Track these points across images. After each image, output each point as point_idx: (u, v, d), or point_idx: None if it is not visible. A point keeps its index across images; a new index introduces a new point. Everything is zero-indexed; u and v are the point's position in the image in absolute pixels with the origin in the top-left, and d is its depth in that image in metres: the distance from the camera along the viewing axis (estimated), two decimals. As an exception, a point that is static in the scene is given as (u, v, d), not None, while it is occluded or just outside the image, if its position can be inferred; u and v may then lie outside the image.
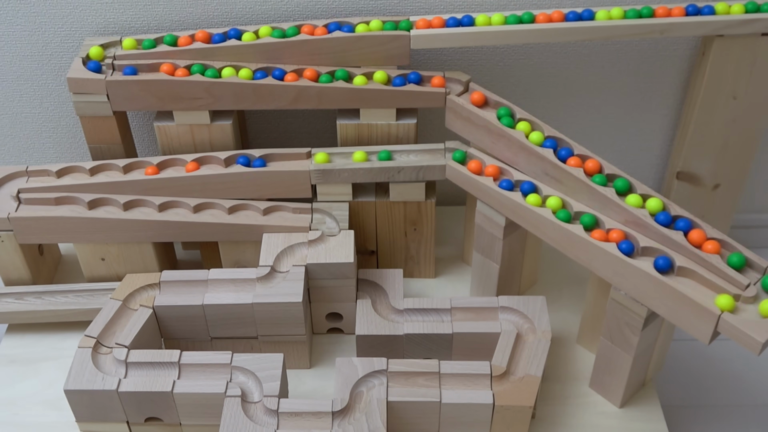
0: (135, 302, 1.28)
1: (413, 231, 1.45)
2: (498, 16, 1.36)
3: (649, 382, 1.33)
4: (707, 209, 1.60)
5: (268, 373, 1.17)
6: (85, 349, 1.21)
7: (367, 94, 1.38)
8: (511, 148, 1.29)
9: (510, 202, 1.26)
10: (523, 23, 1.35)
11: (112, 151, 1.46)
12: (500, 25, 1.36)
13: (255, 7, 1.46)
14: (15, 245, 1.39)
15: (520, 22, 1.36)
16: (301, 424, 1.13)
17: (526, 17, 1.35)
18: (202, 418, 1.19)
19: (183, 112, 1.40)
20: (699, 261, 1.12)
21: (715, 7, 1.35)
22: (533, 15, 1.35)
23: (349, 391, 1.16)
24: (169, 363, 1.19)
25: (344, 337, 1.41)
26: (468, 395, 1.17)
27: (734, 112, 1.47)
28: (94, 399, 1.17)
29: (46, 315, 1.39)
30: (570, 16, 1.35)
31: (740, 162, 1.54)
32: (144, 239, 1.38)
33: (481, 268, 1.39)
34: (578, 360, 1.37)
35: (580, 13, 1.35)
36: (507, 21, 1.36)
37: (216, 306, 1.27)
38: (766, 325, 1.04)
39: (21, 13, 1.46)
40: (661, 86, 1.58)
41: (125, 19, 1.47)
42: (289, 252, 1.32)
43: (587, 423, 1.28)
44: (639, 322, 1.16)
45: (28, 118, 1.61)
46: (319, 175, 1.37)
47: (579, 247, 1.20)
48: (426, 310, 1.30)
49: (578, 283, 1.47)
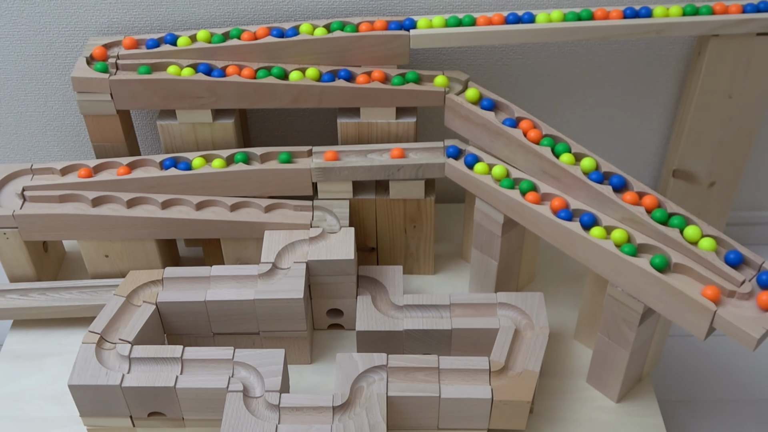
0: (138, 298, 1.28)
1: (413, 228, 1.45)
2: (497, 16, 1.36)
3: (645, 378, 1.33)
4: (703, 207, 1.60)
5: (270, 369, 1.17)
6: (89, 344, 1.21)
7: (367, 93, 1.37)
8: (509, 146, 1.29)
9: (508, 200, 1.26)
10: (522, 23, 1.36)
11: (116, 149, 1.46)
12: (499, 24, 1.36)
13: (257, 7, 1.46)
14: (20, 242, 1.39)
15: (519, 21, 1.36)
16: (302, 419, 1.13)
17: (526, 17, 1.35)
18: (205, 412, 1.19)
19: (185, 111, 1.40)
20: (695, 258, 1.12)
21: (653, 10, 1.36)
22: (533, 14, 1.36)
23: (349, 386, 1.16)
24: (172, 358, 1.19)
25: (345, 333, 1.41)
26: (467, 390, 1.17)
27: (730, 110, 1.47)
28: (97, 394, 1.17)
29: (50, 311, 1.39)
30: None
31: (736, 160, 1.54)
32: (147, 236, 1.38)
33: (480, 264, 1.39)
34: (575, 355, 1.37)
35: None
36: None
37: (218, 302, 1.27)
38: (760, 321, 1.04)
39: (26, 13, 1.46)
40: (658, 85, 1.58)
41: (129, 19, 1.47)
42: (290, 249, 1.32)
43: (584, 418, 1.28)
44: (635, 318, 1.16)
45: (33, 116, 1.61)
46: (319, 173, 1.36)
47: (576, 245, 1.20)
48: (425, 307, 1.30)
49: (575, 280, 1.47)
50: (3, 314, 1.39)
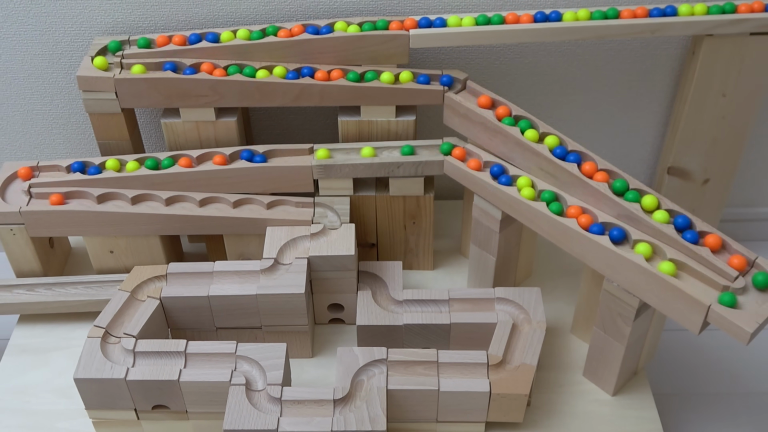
0: (143, 293, 1.28)
1: (412, 224, 1.45)
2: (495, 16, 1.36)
3: (641, 371, 1.33)
4: (697, 203, 1.60)
5: (272, 362, 1.17)
6: (94, 338, 1.21)
7: (367, 91, 1.37)
8: (507, 143, 1.29)
9: (506, 197, 1.26)
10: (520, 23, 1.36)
11: (121, 147, 1.45)
12: (496, 24, 1.36)
13: (259, 7, 1.46)
14: (26, 238, 1.39)
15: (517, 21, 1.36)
16: (303, 412, 1.13)
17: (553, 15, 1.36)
18: (208, 405, 1.19)
19: (189, 109, 1.40)
20: (689, 254, 1.12)
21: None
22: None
23: (350, 379, 1.16)
24: (176, 352, 1.19)
25: (345, 327, 1.41)
26: (465, 384, 1.17)
27: (723, 109, 1.47)
28: (102, 387, 1.17)
29: (56, 306, 1.39)
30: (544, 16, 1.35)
31: (729, 157, 1.54)
32: (151, 232, 1.38)
33: (478, 260, 1.39)
34: (572, 349, 1.37)
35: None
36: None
37: (221, 297, 1.26)
38: (754, 316, 1.04)
39: (32, 14, 1.46)
40: (653, 84, 1.58)
41: (133, 19, 1.47)
42: (291, 245, 1.32)
43: (581, 410, 1.28)
44: (631, 312, 1.16)
45: (39, 115, 1.61)
46: (321, 170, 1.36)
47: (573, 240, 1.20)
48: (425, 301, 1.30)
49: (572, 275, 1.47)
50: (9, 309, 1.39)
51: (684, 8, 1.35)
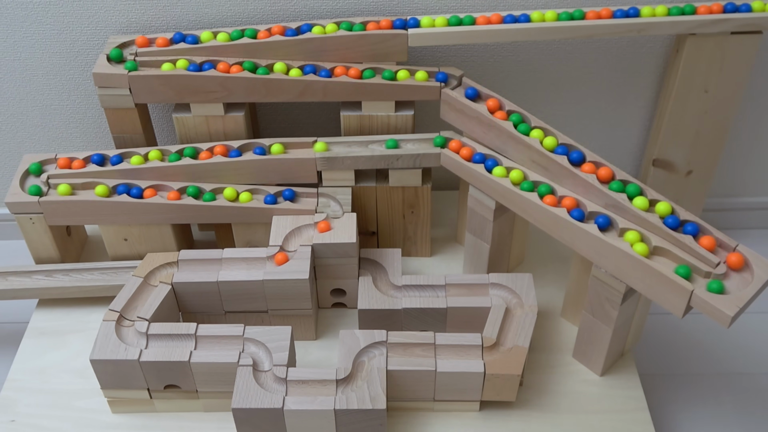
0: (155, 279, 1.28)
1: (411, 214, 1.44)
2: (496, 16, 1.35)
3: (627, 353, 1.33)
4: (681, 193, 1.60)
5: (278, 344, 1.17)
6: (109, 322, 1.20)
7: (368, 88, 1.37)
8: (501, 137, 1.29)
9: (499, 187, 1.25)
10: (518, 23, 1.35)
11: (134, 140, 1.45)
12: (493, 24, 1.35)
13: (266, 8, 1.45)
14: (45, 227, 1.39)
15: (515, 21, 1.35)
16: (307, 391, 1.13)
17: (522, 18, 1.35)
18: (217, 385, 1.19)
19: (199, 105, 1.40)
20: (673, 241, 1.11)
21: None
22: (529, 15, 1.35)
23: (351, 360, 1.16)
24: (187, 335, 1.19)
25: (347, 311, 1.41)
26: (461, 365, 1.17)
27: (706, 104, 1.46)
28: (117, 368, 1.17)
29: (73, 291, 1.39)
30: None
31: (711, 150, 1.53)
32: (163, 221, 1.38)
33: (473, 247, 1.39)
34: (562, 332, 1.37)
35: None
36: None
37: (229, 282, 1.26)
38: (734, 300, 1.03)
39: (50, 14, 1.45)
40: (639, 80, 1.57)
41: (146, 19, 1.46)
42: (296, 233, 1.32)
43: (570, 390, 1.28)
44: (618, 297, 1.16)
45: (57, 110, 1.60)
46: (324, 162, 1.36)
47: (563, 229, 1.19)
48: (422, 287, 1.30)
49: (562, 262, 1.47)
50: (29, 294, 1.39)
51: (646, 10, 1.34)
